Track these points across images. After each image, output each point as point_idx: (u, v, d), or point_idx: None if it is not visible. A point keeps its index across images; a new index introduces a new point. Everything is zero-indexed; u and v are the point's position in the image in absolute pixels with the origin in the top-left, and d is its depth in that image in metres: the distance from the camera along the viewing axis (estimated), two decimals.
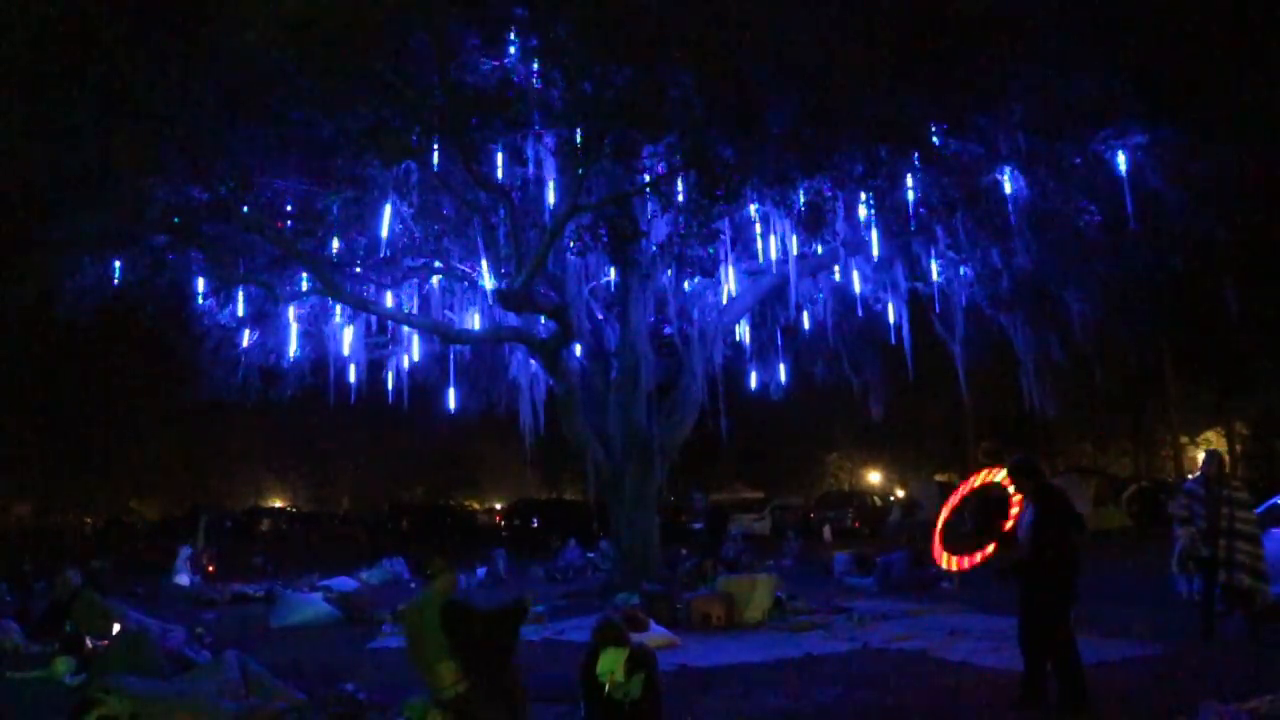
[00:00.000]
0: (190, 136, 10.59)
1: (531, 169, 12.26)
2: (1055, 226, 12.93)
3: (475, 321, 15.81)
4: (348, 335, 16.11)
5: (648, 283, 14.56)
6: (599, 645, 5.62)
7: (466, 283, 15.02)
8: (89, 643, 9.10)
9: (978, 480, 8.04)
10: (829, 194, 12.28)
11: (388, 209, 13.06)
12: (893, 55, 10.05)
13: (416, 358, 17.39)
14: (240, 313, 15.21)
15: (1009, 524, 6.80)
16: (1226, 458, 10.09)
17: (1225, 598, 8.78)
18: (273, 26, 9.49)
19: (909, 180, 12.61)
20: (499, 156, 11.81)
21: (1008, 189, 12.43)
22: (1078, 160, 11.98)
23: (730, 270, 15.22)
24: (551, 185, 12.63)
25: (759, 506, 35.77)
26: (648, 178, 11.38)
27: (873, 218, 13.29)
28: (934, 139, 11.58)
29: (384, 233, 13.25)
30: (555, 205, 12.42)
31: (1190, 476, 9.11)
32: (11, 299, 13.25)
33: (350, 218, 13.24)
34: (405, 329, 16.25)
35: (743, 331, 17.34)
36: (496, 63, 11.13)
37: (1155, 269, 13.60)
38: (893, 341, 16.30)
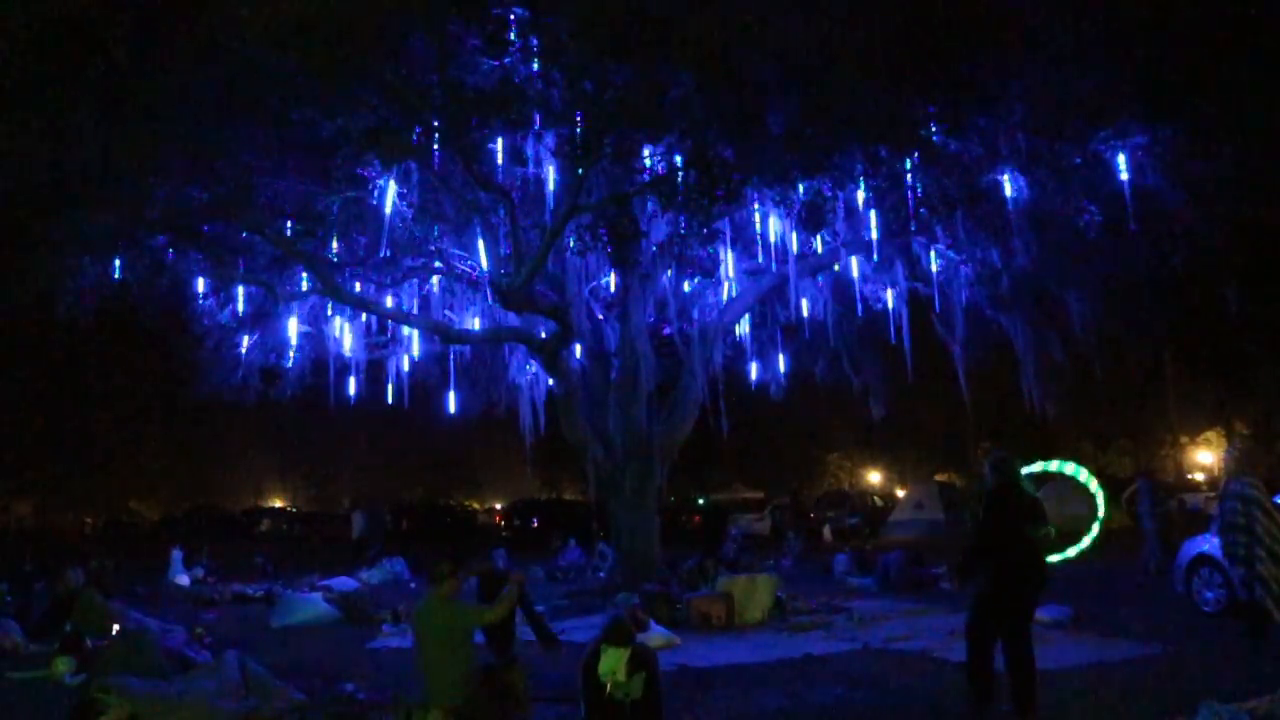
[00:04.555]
0: (190, 136, 10.58)
1: (531, 169, 12.27)
2: (1055, 226, 12.93)
3: (475, 321, 15.82)
4: (348, 335, 16.12)
5: (648, 283, 14.56)
6: (602, 644, 5.62)
7: (466, 283, 15.02)
8: (89, 643, 9.09)
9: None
10: (829, 194, 12.27)
11: (388, 209, 13.07)
12: (893, 55, 10.04)
13: (417, 358, 17.40)
14: (240, 313, 15.21)
15: None
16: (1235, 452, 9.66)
17: (1234, 606, 8.67)
18: (273, 26, 9.48)
19: (909, 180, 12.61)
20: (499, 156, 11.81)
21: (1008, 189, 12.42)
22: (1078, 160, 11.97)
23: (730, 270, 15.22)
24: (551, 185, 12.63)
25: (759, 506, 35.83)
26: (648, 178, 11.38)
27: (873, 217, 13.29)
28: (934, 139, 11.57)
29: (384, 233, 13.25)
30: (555, 205, 12.43)
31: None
32: (11, 299, 13.24)
33: (350, 218, 13.25)
34: (405, 329, 16.25)
35: (743, 331, 17.34)
36: (496, 63, 11.13)
37: (1155, 269, 13.59)
38: (893, 341, 16.30)
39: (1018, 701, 6.00)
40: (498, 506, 51.88)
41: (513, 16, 10.63)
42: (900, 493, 43.12)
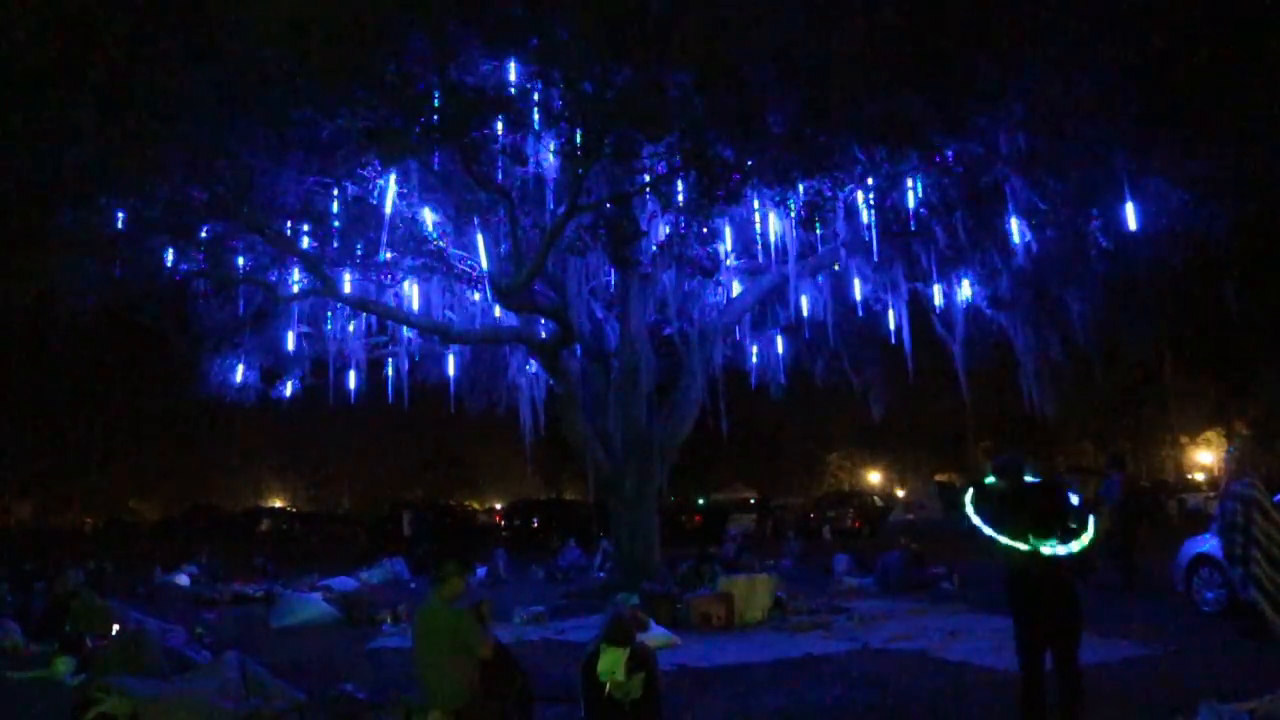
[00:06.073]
0: (190, 136, 10.58)
1: (531, 169, 12.26)
2: (1055, 226, 12.93)
3: (475, 322, 15.81)
4: (348, 335, 16.12)
5: (648, 283, 14.55)
6: (602, 644, 5.62)
7: (466, 283, 15.02)
8: (89, 643, 9.10)
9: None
10: (829, 194, 12.27)
11: (388, 209, 13.07)
12: (892, 55, 10.04)
13: (417, 358, 17.40)
14: (240, 313, 15.21)
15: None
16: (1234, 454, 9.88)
17: (1234, 606, 8.66)
18: (273, 26, 9.48)
19: (909, 180, 12.60)
20: (499, 156, 11.81)
21: (1008, 189, 12.41)
22: (1077, 160, 11.96)
23: (730, 270, 15.21)
24: (552, 185, 12.63)
25: (757, 507, 35.95)
26: (648, 178, 11.37)
27: (873, 218, 13.29)
28: (934, 139, 11.56)
29: (384, 233, 13.25)
30: (555, 205, 12.42)
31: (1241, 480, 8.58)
32: (11, 299, 13.23)
33: (351, 217, 13.24)
34: (405, 329, 16.25)
35: (743, 331, 17.33)
36: (496, 63, 11.13)
37: (1155, 269, 13.58)
38: (893, 341, 16.30)
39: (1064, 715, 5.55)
40: (498, 506, 51.84)
41: (512, 16, 10.61)
42: (900, 493, 43.16)
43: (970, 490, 6.08)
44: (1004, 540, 5.61)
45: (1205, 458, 47.80)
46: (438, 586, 5.70)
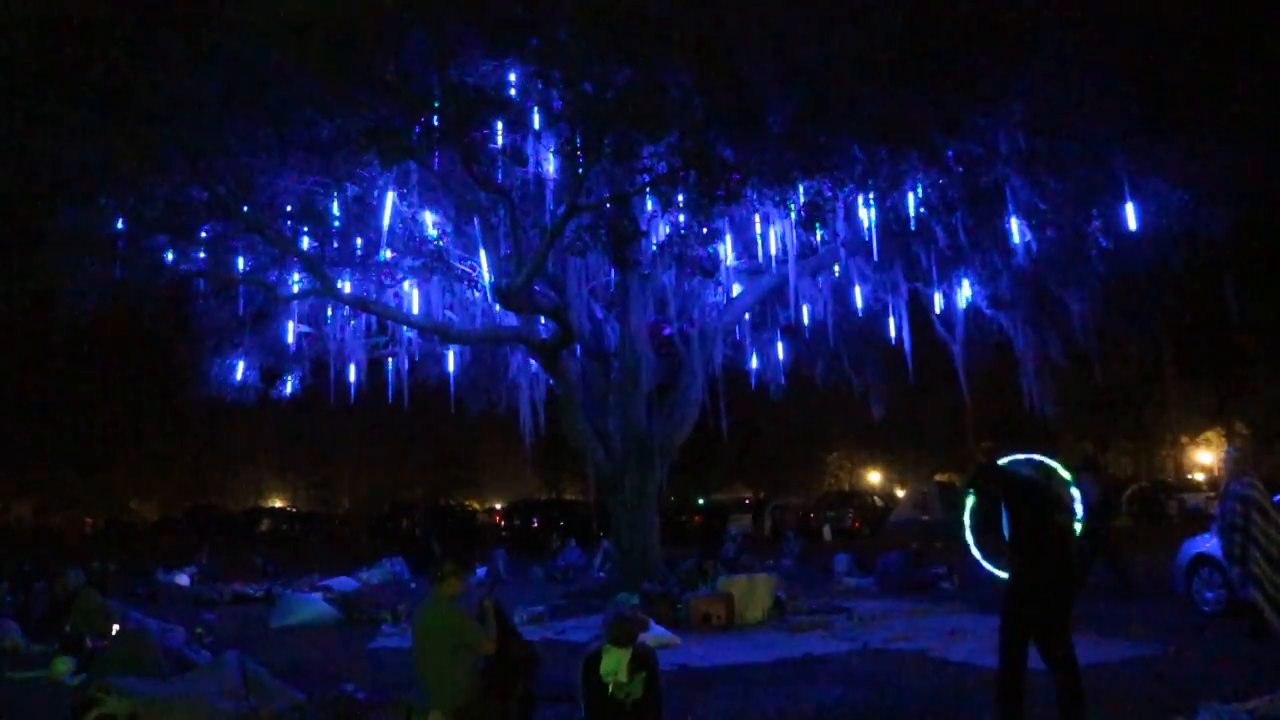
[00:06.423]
0: (190, 136, 10.58)
1: (531, 169, 12.27)
2: (1055, 226, 12.93)
3: (475, 322, 15.81)
4: (348, 335, 16.14)
5: (648, 283, 14.56)
6: (605, 643, 5.62)
7: (466, 283, 15.03)
8: (89, 643, 9.09)
9: None
10: (829, 194, 12.28)
11: (388, 209, 13.07)
12: (893, 55, 10.04)
13: (417, 358, 17.40)
14: (240, 313, 15.22)
15: None
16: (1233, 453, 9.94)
17: (1234, 606, 8.65)
18: (273, 26, 9.48)
19: (909, 180, 12.61)
20: (499, 157, 11.82)
21: (1008, 189, 12.42)
22: (1078, 160, 11.96)
23: (730, 270, 15.22)
24: (552, 185, 12.63)
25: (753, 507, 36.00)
26: (648, 178, 11.38)
27: (873, 218, 13.29)
28: (934, 139, 11.56)
29: (384, 233, 13.26)
30: (555, 205, 12.43)
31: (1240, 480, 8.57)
32: (12, 299, 13.23)
33: (350, 218, 13.25)
34: (405, 329, 16.25)
35: (743, 332, 17.33)
36: (496, 63, 11.13)
37: (1155, 269, 13.59)
38: (893, 341, 16.30)
39: (1064, 713, 5.50)
40: (498, 506, 51.81)
41: (512, 16, 10.61)
42: (900, 493, 43.12)
43: (992, 470, 6.06)
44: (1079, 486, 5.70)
45: (1205, 458, 47.77)
46: (437, 586, 5.71)
